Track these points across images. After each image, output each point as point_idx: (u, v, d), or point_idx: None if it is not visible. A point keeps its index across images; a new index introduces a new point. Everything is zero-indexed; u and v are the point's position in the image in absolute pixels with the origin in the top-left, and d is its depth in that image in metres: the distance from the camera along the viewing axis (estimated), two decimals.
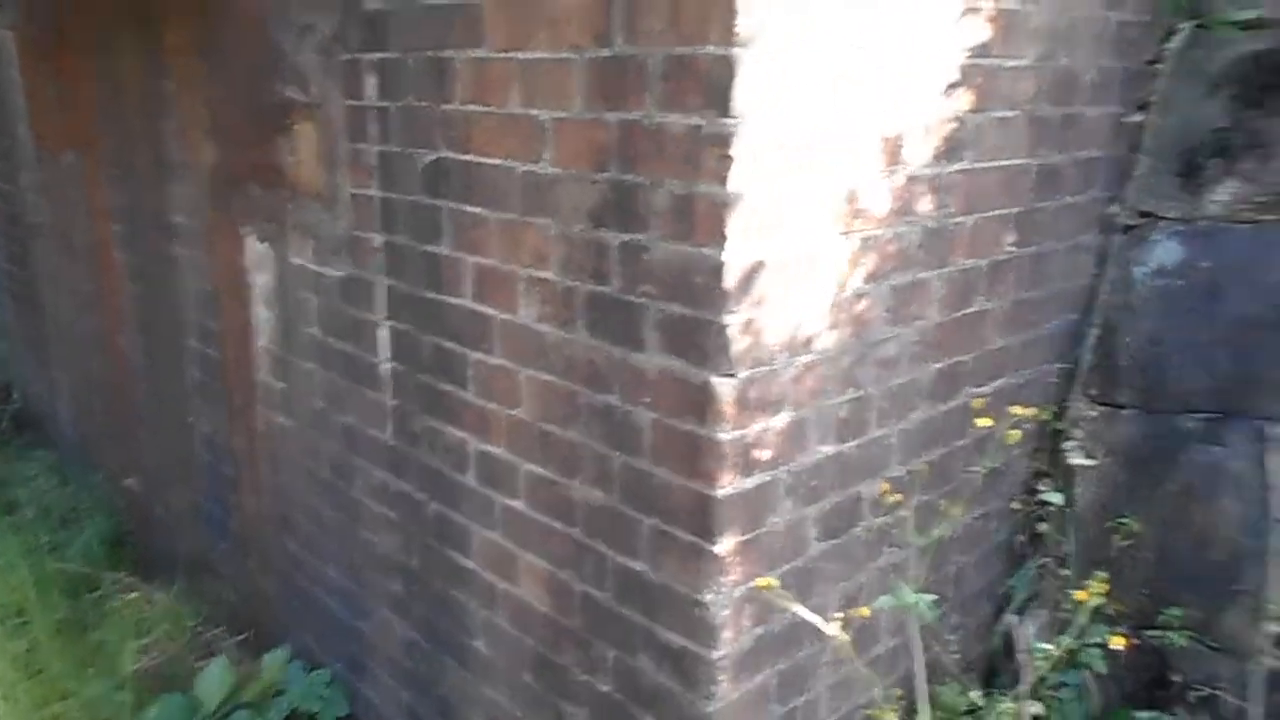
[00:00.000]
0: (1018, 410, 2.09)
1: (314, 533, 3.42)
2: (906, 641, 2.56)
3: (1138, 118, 2.80)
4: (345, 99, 2.79)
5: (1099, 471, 2.77)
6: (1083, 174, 2.72)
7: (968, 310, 2.45)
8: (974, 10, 2.19)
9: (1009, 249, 2.53)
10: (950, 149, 2.25)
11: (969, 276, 2.43)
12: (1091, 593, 1.81)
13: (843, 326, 2.11)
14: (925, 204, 2.23)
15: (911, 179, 2.18)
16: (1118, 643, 1.99)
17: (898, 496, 2.24)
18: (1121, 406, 2.79)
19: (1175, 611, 2.57)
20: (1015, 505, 2.87)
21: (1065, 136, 2.61)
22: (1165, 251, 2.75)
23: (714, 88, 1.74)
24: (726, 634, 1.99)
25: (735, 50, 1.70)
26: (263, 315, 3.47)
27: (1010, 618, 2.73)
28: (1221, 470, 2.58)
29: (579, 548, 2.27)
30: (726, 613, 1.98)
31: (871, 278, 2.15)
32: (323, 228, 3.02)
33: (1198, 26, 2.74)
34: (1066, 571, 2.78)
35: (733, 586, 1.98)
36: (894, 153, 2.12)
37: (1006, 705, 2.24)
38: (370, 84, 2.67)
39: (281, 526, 3.63)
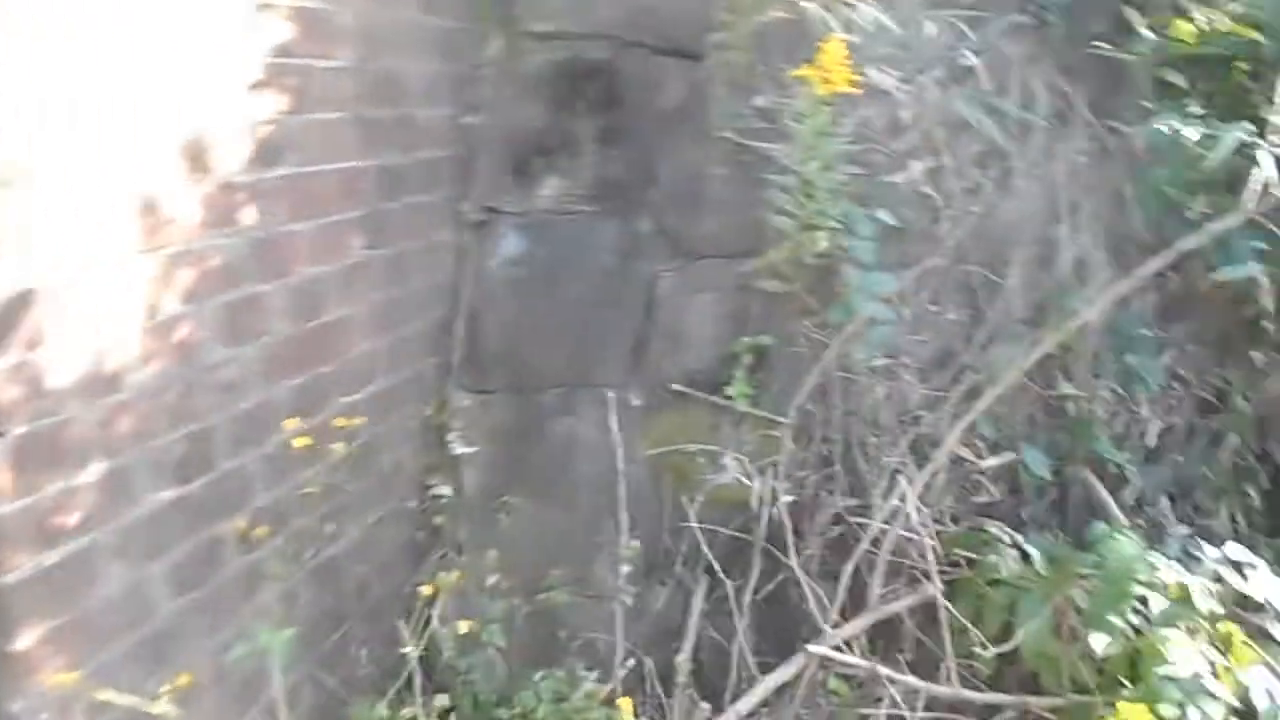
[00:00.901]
0: (340, 422, 2.06)
1: None
2: (310, 673, 2.44)
3: (471, 119, 2.96)
4: None
5: (480, 457, 2.91)
6: (427, 174, 2.80)
7: (322, 319, 2.36)
8: (269, 7, 2.08)
9: (360, 253, 2.49)
10: (269, 154, 2.12)
11: (317, 285, 2.34)
12: (439, 585, 1.86)
13: (162, 355, 1.87)
14: (248, 213, 2.08)
15: (226, 187, 2.01)
16: (463, 625, 2.10)
17: (264, 529, 2.09)
18: (493, 392, 2.96)
19: (556, 573, 2.81)
20: (412, 504, 2.89)
21: (402, 138, 2.65)
22: (510, 244, 2.97)
23: None
24: None
25: None
26: None
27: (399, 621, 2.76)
28: (575, 438, 2.88)
29: None
30: (45, 718, 1.64)
31: (192, 297, 1.93)
32: None
33: (513, 35, 2.98)
34: (465, 559, 2.88)
35: (48, 685, 1.64)
36: (199, 158, 1.93)
37: (409, 710, 2.24)
38: None
39: None
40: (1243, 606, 2.39)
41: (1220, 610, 2.34)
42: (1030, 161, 2.87)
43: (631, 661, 2.69)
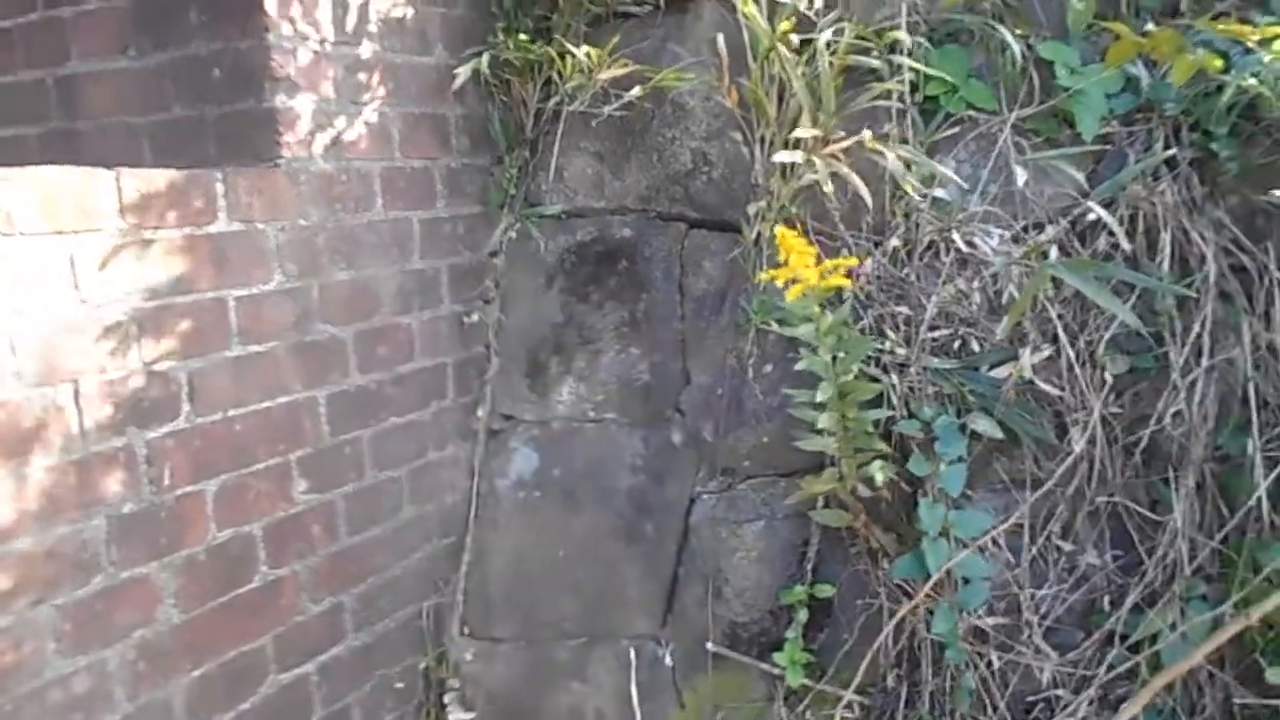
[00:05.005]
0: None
1: None
2: None
3: (478, 316, 2.56)
4: None
5: None
6: (418, 388, 2.41)
7: (238, 591, 1.98)
8: (144, 243, 1.77)
9: (301, 498, 2.11)
10: (154, 408, 1.79)
11: (236, 548, 1.97)
12: None
13: None
14: (118, 479, 1.74)
15: (79, 461, 1.68)
16: None
17: None
18: (500, 641, 2.46)
19: None
20: None
21: (374, 353, 2.28)
22: (523, 460, 2.50)
23: None
24: None
25: None
26: None
27: None
28: (581, 714, 2.30)
29: None
30: None
31: (29, 606, 1.60)
32: None
33: (528, 218, 2.57)
34: None
35: None
36: (27, 437, 1.62)
37: None
38: None
39: None
40: None
41: None
42: (1197, 347, 2.06)
43: None
